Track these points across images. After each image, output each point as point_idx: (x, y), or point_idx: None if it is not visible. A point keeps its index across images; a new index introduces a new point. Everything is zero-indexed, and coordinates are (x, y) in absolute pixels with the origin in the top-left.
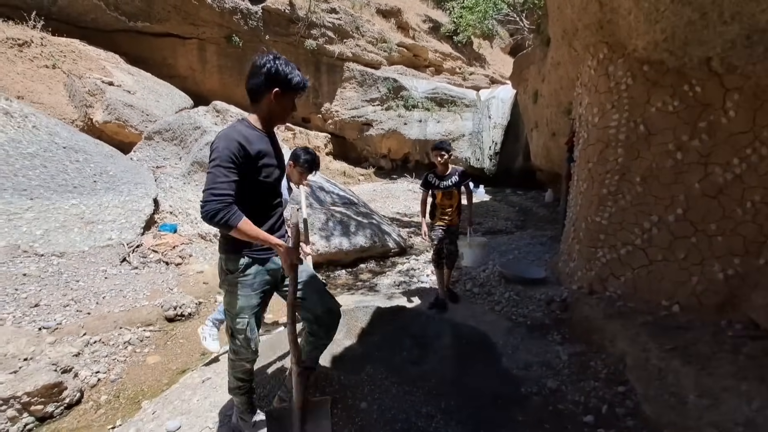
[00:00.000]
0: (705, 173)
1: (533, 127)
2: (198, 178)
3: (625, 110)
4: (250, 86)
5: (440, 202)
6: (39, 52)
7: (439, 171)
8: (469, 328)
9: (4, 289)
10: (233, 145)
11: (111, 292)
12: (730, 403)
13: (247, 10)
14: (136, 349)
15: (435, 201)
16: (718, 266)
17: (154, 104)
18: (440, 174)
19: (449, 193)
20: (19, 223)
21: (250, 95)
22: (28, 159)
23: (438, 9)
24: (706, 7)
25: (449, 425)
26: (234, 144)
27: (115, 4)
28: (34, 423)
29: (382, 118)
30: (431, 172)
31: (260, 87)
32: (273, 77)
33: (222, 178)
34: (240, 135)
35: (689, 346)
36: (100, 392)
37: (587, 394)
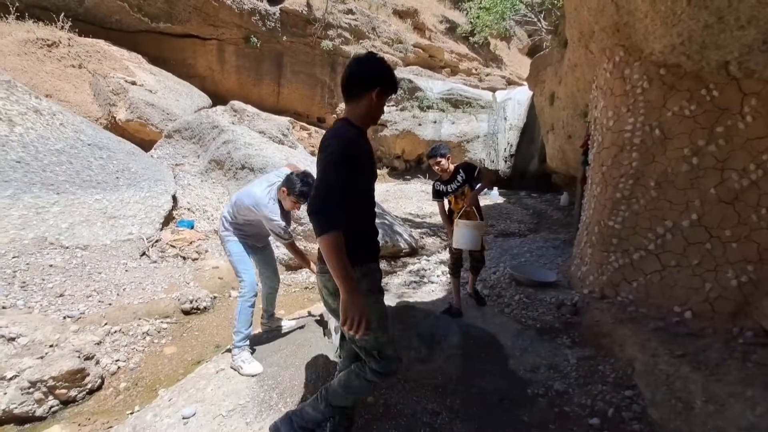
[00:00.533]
0: (721, 179)
1: (549, 129)
2: (215, 176)
3: (641, 114)
4: (352, 84)
5: (455, 207)
6: (66, 53)
7: (443, 176)
8: (478, 329)
9: (33, 278)
10: (345, 144)
11: (131, 285)
12: (735, 409)
13: (265, 11)
14: (153, 340)
15: (450, 206)
16: (732, 273)
17: (174, 103)
18: (445, 179)
19: (461, 194)
20: (47, 217)
21: (349, 93)
22: (55, 155)
23: (455, 9)
24: (722, 11)
25: (454, 423)
26: (346, 144)
27: (139, 6)
28: (58, 406)
29: (397, 119)
30: (437, 180)
31: (363, 85)
32: (377, 76)
33: (334, 177)
34: (352, 134)
35: (699, 352)
36: (120, 379)
37: (594, 398)
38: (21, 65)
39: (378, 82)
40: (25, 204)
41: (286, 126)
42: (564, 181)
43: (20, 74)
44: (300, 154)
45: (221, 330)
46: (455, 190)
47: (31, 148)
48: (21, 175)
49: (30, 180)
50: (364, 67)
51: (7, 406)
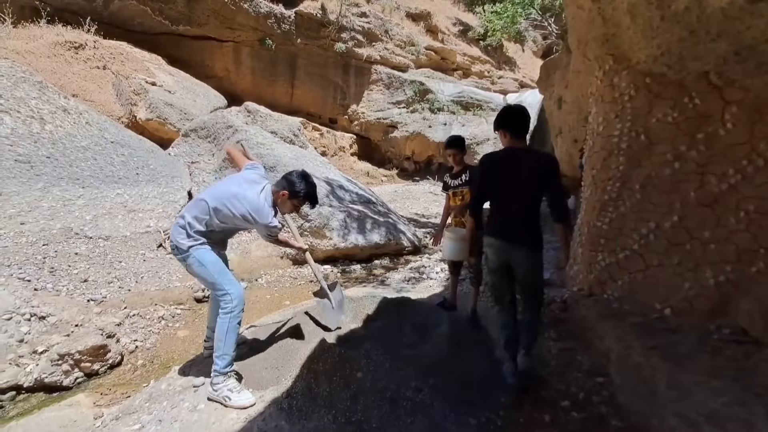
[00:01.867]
0: (701, 183)
1: (557, 133)
2: (228, 173)
3: (628, 120)
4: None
5: (453, 203)
6: (92, 54)
7: (454, 170)
8: (467, 321)
9: (60, 265)
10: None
11: (148, 273)
12: (698, 397)
13: (280, 14)
14: (168, 324)
15: (449, 202)
16: (710, 272)
17: (191, 103)
18: (454, 173)
19: (460, 193)
20: (73, 209)
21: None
22: (81, 152)
23: (469, 12)
24: (693, 25)
25: (435, 399)
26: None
27: (160, 10)
28: (83, 378)
29: (407, 121)
30: (448, 173)
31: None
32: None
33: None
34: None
35: (671, 345)
36: (137, 357)
37: (568, 384)
38: (51, 66)
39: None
40: (54, 196)
41: (297, 126)
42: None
43: (50, 75)
44: (310, 154)
45: None
46: (456, 187)
47: (59, 144)
48: (50, 170)
49: (58, 174)
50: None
51: (39, 375)
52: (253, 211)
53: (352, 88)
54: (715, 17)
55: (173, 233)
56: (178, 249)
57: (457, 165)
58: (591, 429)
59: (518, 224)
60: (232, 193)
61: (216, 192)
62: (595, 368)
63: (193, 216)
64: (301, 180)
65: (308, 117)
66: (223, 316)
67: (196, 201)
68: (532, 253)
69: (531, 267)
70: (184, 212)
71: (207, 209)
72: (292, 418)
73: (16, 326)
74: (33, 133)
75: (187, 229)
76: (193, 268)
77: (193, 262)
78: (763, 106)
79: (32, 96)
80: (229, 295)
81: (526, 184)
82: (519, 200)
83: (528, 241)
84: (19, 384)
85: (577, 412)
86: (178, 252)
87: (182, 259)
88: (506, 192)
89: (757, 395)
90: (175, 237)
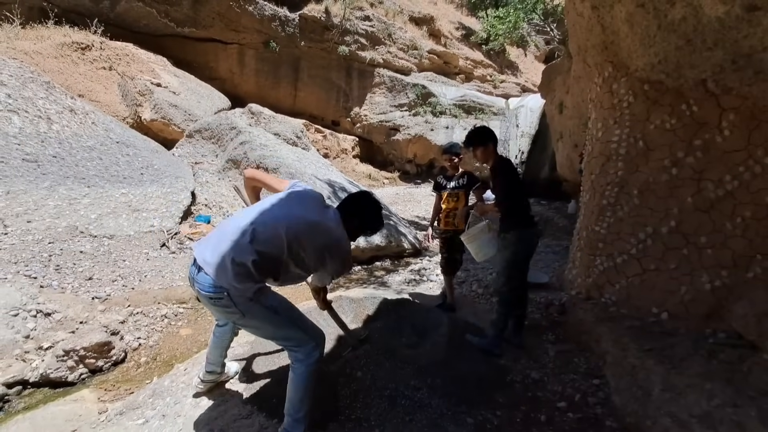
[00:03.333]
0: (698, 188)
1: (559, 137)
2: (232, 174)
3: (627, 126)
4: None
5: (446, 205)
6: (98, 55)
7: (449, 173)
8: (468, 323)
9: (65, 263)
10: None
11: (152, 272)
12: (690, 398)
13: (285, 17)
14: (171, 322)
15: (441, 203)
16: (706, 277)
17: (195, 105)
18: (449, 175)
19: (455, 195)
20: (78, 208)
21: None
22: (87, 152)
23: (471, 16)
24: (689, 34)
25: (432, 398)
26: None
27: (166, 12)
28: (87, 374)
29: (410, 124)
30: (441, 174)
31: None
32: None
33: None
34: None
35: (666, 348)
36: (141, 354)
37: (565, 385)
38: (58, 67)
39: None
40: (59, 195)
41: (300, 128)
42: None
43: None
44: (312, 156)
45: None
46: (452, 188)
47: (66, 144)
48: (57, 169)
49: (65, 174)
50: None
51: (44, 371)
52: (334, 242)
53: (354, 90)
54: (711, 26)
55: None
56: (236, 296)
57: (453, 169)
58: (586, 429)
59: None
60: (309, 222)
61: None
62: (591, 370)
63: (254, 254)
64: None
65: (311, 119)
66: (304, 370)
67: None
68: None
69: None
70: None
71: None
72: None
73: (23, 322)
74: (40, 132)
75: (251, 269)
76: (258, 320)
77: (260, 312)
78: (761, 113)
79: (40, 96)
80: (314, 343)
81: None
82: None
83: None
84: (25, 379)
85: (572, 412)
86: (235, 301)
87: (241, 311)
88: (523, 190)
89: (751, 398)
90: (230, 282)
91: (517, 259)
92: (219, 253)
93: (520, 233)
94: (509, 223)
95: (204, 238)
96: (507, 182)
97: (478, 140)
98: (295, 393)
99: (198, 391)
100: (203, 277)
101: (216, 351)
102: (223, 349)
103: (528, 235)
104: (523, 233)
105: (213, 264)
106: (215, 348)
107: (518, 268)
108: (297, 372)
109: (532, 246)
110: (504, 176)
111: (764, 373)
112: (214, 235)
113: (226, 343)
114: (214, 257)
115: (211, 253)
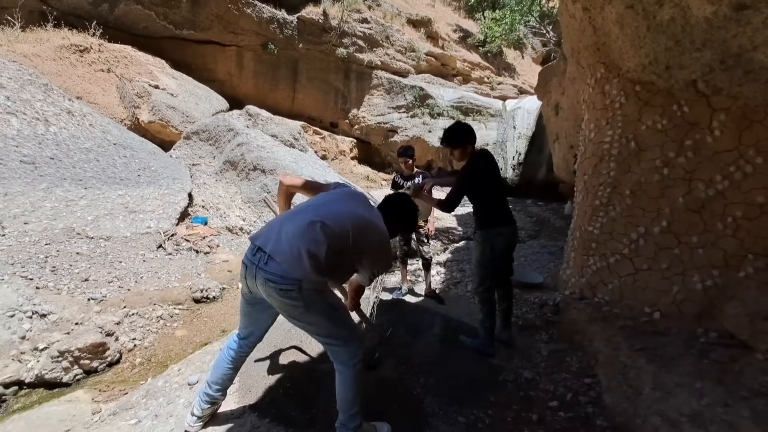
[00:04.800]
0: (689, 189)
1: (555, 139)
2: (229, 176)
3: (619, 127)
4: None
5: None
6: (97, 57)
7: (405, 173)
8: (461, 323)
9: (62, 264)
10: None
11: (148, 274)
12: (681, 397)
13: (283, 19)
14: (166, 323)
15: None
16: (698, 277)
17: (193, 106)
18: (406, 175)
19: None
20: (75, 209)
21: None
22: (84, 153)
23: (469, 19)
24: (678, 35)
25: (425, 397)
26: None
27: (164, 14)
28: (82, 375)
29: (407, 125)
30: (398, 174)
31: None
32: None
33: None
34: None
35: (658, 347)
36: (136, 355)
37: (557, 384)
38: (56, 69)
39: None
40: (56, 197)
41: (297, 130)
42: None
43: (55, 77)
44: (310, 157)
45: (228, 317)
46: (408, 188)
47: (63, 146)
48: (54, 171)
49: (62, 175)
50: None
51: (39, 371)
52: (383, 240)
53: (353, 92)
54: (699, 27)
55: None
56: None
57: (408, 170)
58: (577, 428)
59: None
60: (361, 217)
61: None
62: (583, 369)
63: (320, 242)
64: (408, 210)
65: (309, 121)
66: (351, 370)
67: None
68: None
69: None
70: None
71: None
72: None
73: (19, 323)
74: (38, 134)
75: (322, 260)
76: (317, 315)
77: (322, 308)
78: (752, 113)
79: (38, 98)
80: (357, 342)
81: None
82: (503, 193)
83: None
84: (21, 379)
85: (564, 411)
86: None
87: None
88: (498, 187)
89: (743, 398)
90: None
91: (483, 259)
92: (292, 244)
93: (484, 233)
94: (476, 223)
95: (264, 230)
96: (457, 189)
97: (455, 142)
98: (346, 392)
99: (202, 412)
100: (274, 266)
101: (228, 370)
102: (238, 367)
103: (491, 235)
104: (487, 233)
105: (287, 254)
106: (228, 365)
107: (488, 267)
108: (344, 374)
109: (499, 245)
110: (459, 180)
111: (757, 374)
112: (277, 227)
113: (244, 359)
114: (286, 248)
115: (283, 244)
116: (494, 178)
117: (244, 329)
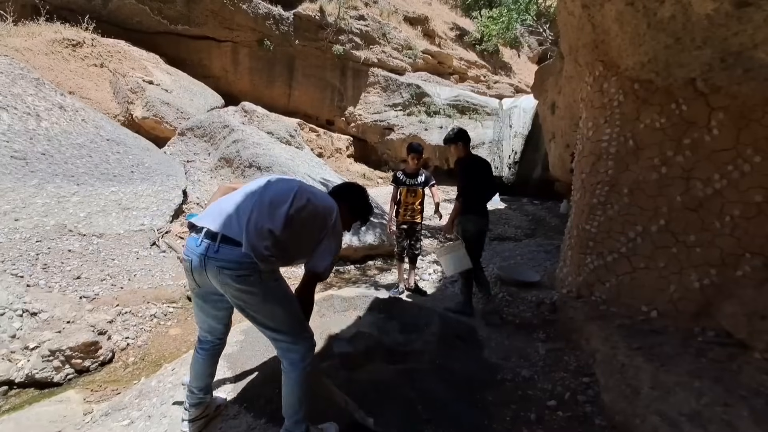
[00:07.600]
0: (687, 187)
1: (551, 138)
2: (224, 173)
3: (617, 125)
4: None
5: (404, 199)
6: (90, 52)
7: (408, 170)
8: (458, 321)
9: (53, 261)
10: None
11: (141, 271)
12: (679, 397)
13: (279, 15)
14: (160, 322)
15: (400, 198)
16: (695, 275)
17: (188, 102)
18: (409, 172)
19: (413, 191)
20: (67, 206)
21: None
22: (76, 149)
23: (466, 17)
24: (678, 33)
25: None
26: None
27: (159, 9)
28: (73, 374)
29: (404, 123)
30: (401, 170)
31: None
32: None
33: None
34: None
35: (655, 346)
36: (129, 354)
37: (555, 383)
38: (48, 64)
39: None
40: (48, 193)
41: (293, 127)
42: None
43: (47, 72)
44: (306, 155)
45: None
46: (411, 185)
47: (55, 141)
48: (45, 166)
49: (53, 171)
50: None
51: (29, 371)
52: (331, 212)
53: (349, 90)
54: (700, 24)
55: (253, 239)
56: (265, 272)
57: (414, 167)
58: (575, 428)
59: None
60: (305, 188)
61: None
62: (581, 368)
63: (272, 219)
64: (362, 196)
65: (305, 118)
66: (299, 373)
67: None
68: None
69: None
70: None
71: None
72: None
73: (9, 322)
74: (29, 129)
75: (270, 238)
76: (274, 304)
77: (279, 296)
78: (750, 112)
79: (29, 93)
80: (309, 343)
81: (486, 177)
82: (483, 189)
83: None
84: (11, 379)
85: (562, 411)
86: (263, 278)
87: (263, 291)
88: (482, 184)
89: (742, 397)
90: (265, 254)
91: (464, 237)
92: (250, 222)
93: (460, 218)
94: (460, 209)
95: (207, 212)
96: (461, 179)
97: (452, 140)
98: (292, 395)
99: (189, 417)
100: (227, 251)
101: (204, 369)
102: (215, 363)
103: (463, 220)
104: (462, 218)
105: (246, 232)
106: (202, 365)
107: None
108: (291, 375)
109: (470, 229)
110: (461, 173)
111: (755, 373)
112: (225, 208)
113: (218, 355)
114: (242, 226)
115: (236, 223)
116: (483, 179)
117: (205, 326)
